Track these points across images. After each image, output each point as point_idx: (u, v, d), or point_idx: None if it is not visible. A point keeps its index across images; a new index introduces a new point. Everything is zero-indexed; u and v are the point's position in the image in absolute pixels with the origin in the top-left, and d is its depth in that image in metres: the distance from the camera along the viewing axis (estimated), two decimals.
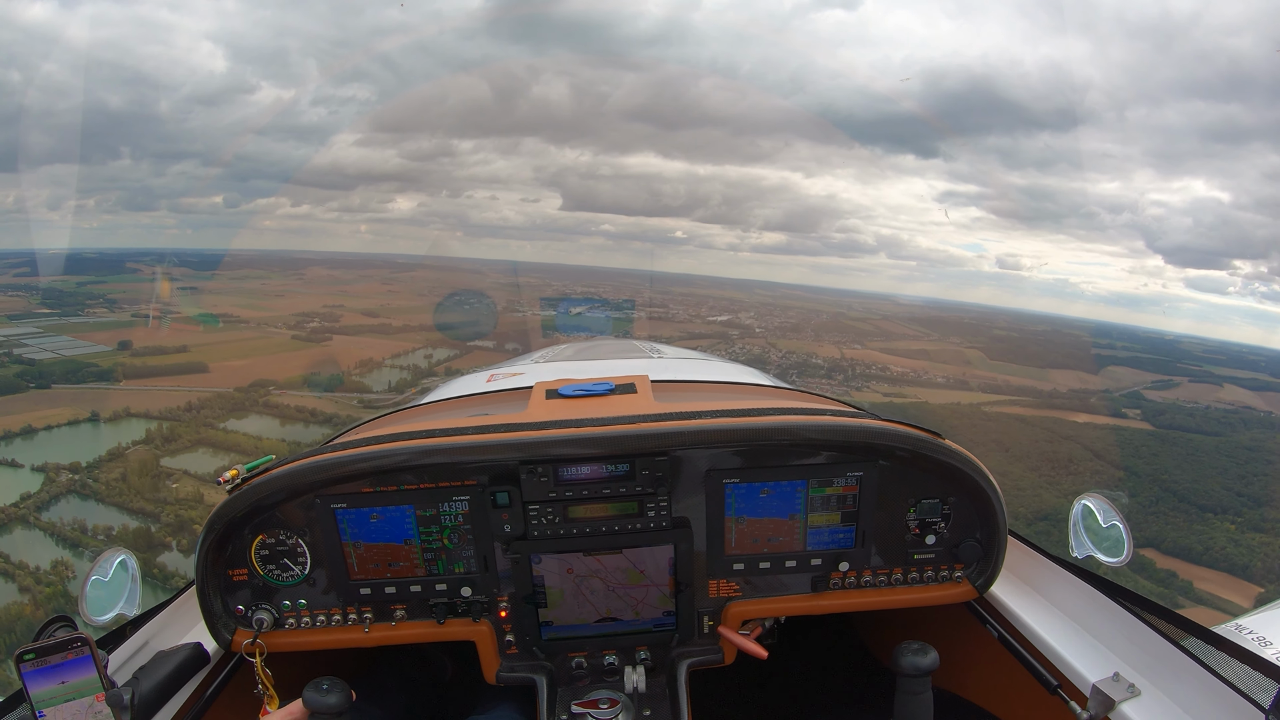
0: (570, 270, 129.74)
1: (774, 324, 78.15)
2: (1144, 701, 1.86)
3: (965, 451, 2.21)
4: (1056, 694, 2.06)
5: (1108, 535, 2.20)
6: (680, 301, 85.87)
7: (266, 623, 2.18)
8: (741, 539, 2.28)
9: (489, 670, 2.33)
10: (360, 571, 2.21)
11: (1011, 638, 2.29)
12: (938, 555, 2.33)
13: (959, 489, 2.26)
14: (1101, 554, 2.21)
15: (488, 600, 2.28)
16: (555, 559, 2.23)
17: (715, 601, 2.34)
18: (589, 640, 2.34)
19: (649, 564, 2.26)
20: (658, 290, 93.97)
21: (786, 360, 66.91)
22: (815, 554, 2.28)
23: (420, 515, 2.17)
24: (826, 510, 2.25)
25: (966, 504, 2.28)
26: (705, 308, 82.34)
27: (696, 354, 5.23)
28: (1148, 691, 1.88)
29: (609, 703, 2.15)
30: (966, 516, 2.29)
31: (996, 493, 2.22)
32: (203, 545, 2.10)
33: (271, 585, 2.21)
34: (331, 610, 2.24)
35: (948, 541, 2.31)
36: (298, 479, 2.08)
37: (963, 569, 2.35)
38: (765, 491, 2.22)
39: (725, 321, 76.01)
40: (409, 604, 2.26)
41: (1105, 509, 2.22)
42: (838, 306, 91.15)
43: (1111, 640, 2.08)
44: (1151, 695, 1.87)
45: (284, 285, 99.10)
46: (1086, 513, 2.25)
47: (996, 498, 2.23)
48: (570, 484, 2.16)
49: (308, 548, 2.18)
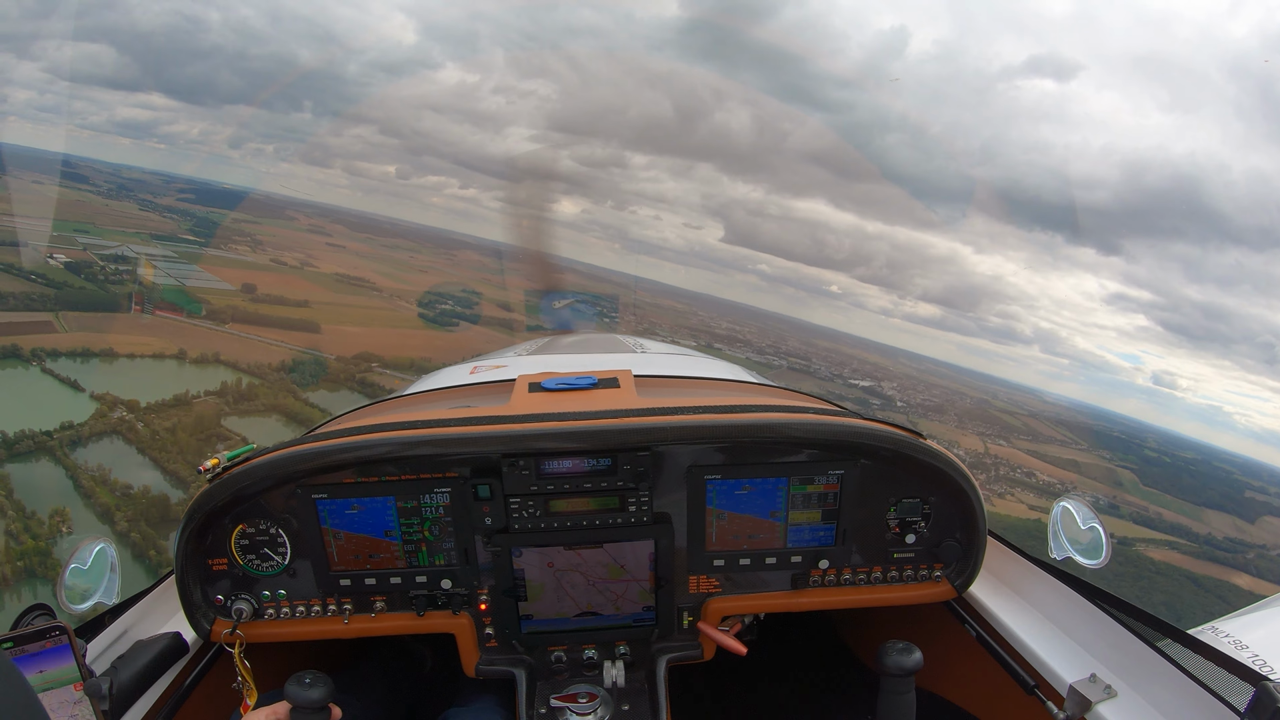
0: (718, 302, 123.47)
1: (916, 400, 74.52)
2: (1120, 702, 1.88)
3: (946, 452, 2.21)
4: (1034, 694, 2.08)
5: (1086, 537, 2.21)
6: (824, 357, 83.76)
7: (246, 613, 2.16)
8: (722, 535, 2.27)
9: (468, 663, 2.32)
10: (340, 562, 2.19)
11: (990, 638, 2.31)
12: (917, 554, 2.33)
13: (940, 489, 2.27)
14: (1080, 556, 2.22)
15: (468, 593, 2.27)
16: (536, 552, 2.22)
17: (695, 597, 2.34)
18: (569, 634, 2.33)
19: (630, 559, 2.25)
20: (802, 341, 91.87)
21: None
22: (795, 551, 2.28)
23: (401, 507, 2.15)
24: (807, 508, 2.24)
25: (947, 504, 2.28)
26: (849, 369, 79.91)
27: (680, 350, 5.17)
28: (1124, 693, 1.90)
29: (588, 697, 2.16)
30: (947, 516, 2.29)
31: (977, 493, 2.23)
32: (182, 534, 2.08)
33: (251, 575, 2.19)
34: (311, 601, 2.23)
35: (928, 541, 2.31)
36: (279, 468, 2.06)
37: (942, 569, 2.35)
38: (746, 488, 2.22)
39: (867, 388, 72.89)
40: (389, 596, 2.24)
41: (1084, 511, 2.23)
42: (983, 393, 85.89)
43: (1089, 641, 2.09)
44: (1128, 696, 1.89)
45: (431, 262, 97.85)
46: (1065, 515, 2.27)
47: (976, 498, 2.23)
48: (552, 477, 2.15)
49: (288, 538, 2.17)
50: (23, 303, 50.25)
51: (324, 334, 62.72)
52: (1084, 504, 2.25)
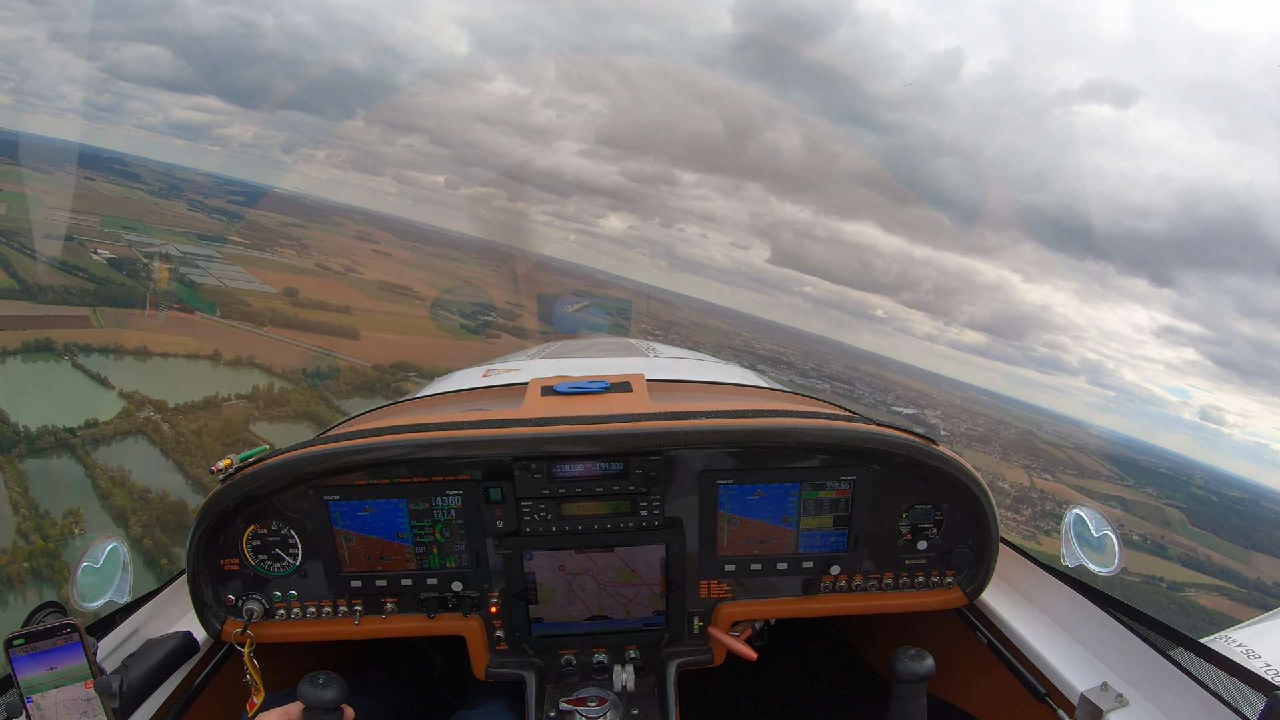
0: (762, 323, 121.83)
1: (960, 429, 70.25)
2: (1132, 711, 1.87)
3: (959, 458, 2.20)
4: (1045, 702, 2.07)
5: (1099, 545, 2.20)
6: (867, 382, 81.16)
7: (257, 613, 2.16)
8: (733, 540, 2.27)
9: (478, 666, 2.32)
10: (351, 564, 2.19)
11: (1001, 645, 2.31)
12: (929, 561, 2.32)
13: (952, 495, 2.26)
14: (1092, 563, 2.21)
15: (478, 595, 2.26)
16: (547, 556, 2.21)
17: (706, 602, 2.33)
18: (579, 638, 2.32)
19: (640, 563, 2.25)
20: (846, 365, 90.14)
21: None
22: (807, 557, 2.28)
23: (413, 509, 2.15)
24: (819, 513, 2.24)
25: (959, 510, 2.27)
26: (892, 395, 77.53)
27: (692, 354, 5.11)
28: (1136, 701, 1.89)
29: (598, 701, 2.16)
30: (959, 523, 2.29)
31: (989, 500, 2.22)
32: (194, 534, 2.09)
33: (262, 575, 2.20)
34: (322, 602, 2.23)
35: (939, 547, 2.31)
36: (291, 469, 2.06)
37: (954, 575, 2.34)
38: (758, 493, 2.21)
39: (910, 415, 69.55)
40: (400, 598, 2.25)
41: (1097, 518, 2.22)
42: (1027, 423, 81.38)
43: (1100, 650, 2.08)
44: (1139, 705, 1.88)
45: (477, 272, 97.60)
46: (1078, 522, 2.26)
47: (989, 505, 2.22)
48: (564, 481, 2.15)
49: (300, 539, 2.17)
50: (61, 296, 50.26)
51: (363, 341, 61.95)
52: (1097, 511, 2.24)
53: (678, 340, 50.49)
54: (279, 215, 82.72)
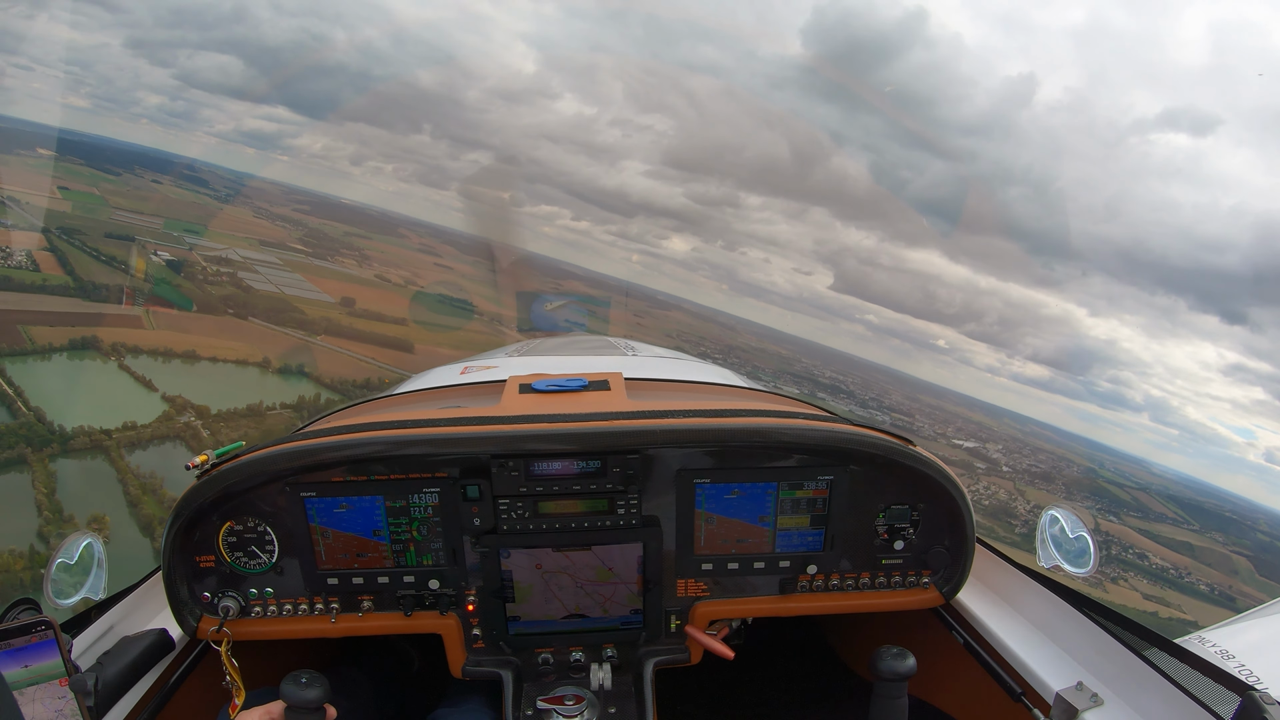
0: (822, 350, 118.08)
1: (1022, 465, 68.74)
2: (1107, 711, 1.88)
3: (936, 459, 2.20)
4: (1020, 701, 2.08)
5: (1074, 546, 2.21)
6: (926, 413, 79.85)
7: (233, 610, 2.15)
8: (711, 539, 2.27)
9: (455, 664, 2.32)
10: (328, 561, 2.18)
11: (977, 645, 2.31)
12: (906, 561, 2.33)
13: (929, 496, 2.27)
14: (1068, 564, 2.22)
15: (455, 593, 2.26)
16: (524, 554, 2.21)
17: (683, 601, 2.33)
18: (556, 636, 2.32)
19: (618, 562, 2.24)
20: (905, 395, 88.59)
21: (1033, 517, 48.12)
22: (784, 556, 2.28)
23: (390, 506, 2.14)
24: (796, 513, 2.24)
25: (935, 511, 2.28)
26: (952, 427, 75.11)
27: (671, 353, 5.13)
28: (1110, 701, 1.90)
29: (574, 699, 2.14)
30: (935, 523, 2.29)
31: (965, 501, 2.23)
32: (170, 530, 2.07)
33: (238, 573, 2.19)
34: (298, 599, 2.22)
35: (916, 548, 2.31)
36: (268, 466, 2.05)
37: (930, 575, 2.35)
38: (736, 493, 2.21)
39: (970, 449, 68.10)
40: (376, 595, 2.24)
41: (1072, 520, 2.23)
42: (1090, 460, 79.39)
43: (1076, 649, 2.09)
44: (1114, 705, 1.89)
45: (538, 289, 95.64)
46: (1054, 523, 2.26)
47: (965, 506, 2.23)
48: (541, 479, 2.14)
49: (276, 536, 2.16)
50: (115, 295, 50.04)
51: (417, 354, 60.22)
52: (1073, 513, 2.25)
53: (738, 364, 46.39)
54: (343, 225, 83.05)
